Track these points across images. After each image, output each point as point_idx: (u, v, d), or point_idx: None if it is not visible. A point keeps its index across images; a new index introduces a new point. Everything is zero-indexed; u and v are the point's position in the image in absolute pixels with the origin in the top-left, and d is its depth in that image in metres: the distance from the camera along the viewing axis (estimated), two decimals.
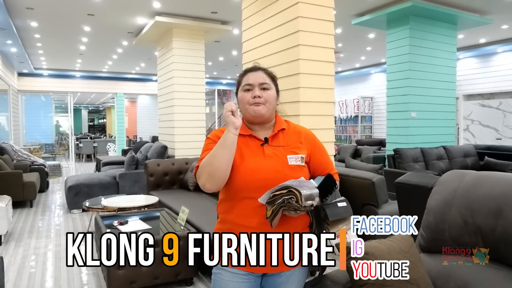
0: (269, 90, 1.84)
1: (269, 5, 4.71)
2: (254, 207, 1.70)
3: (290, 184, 1.58)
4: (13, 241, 5.42)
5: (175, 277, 3.74)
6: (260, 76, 1.84)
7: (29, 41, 10.21)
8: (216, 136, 1.83)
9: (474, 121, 11.97)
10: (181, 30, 8.09)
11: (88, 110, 33.17)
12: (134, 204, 5.27)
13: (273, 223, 1.62)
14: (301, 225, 1.79)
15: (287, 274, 1.80)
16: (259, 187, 1.68)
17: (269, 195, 1.60)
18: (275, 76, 1.92)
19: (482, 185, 1.88)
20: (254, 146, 1.81)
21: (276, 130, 1.86)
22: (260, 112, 1.80)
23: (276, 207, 1.58)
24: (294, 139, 1.87)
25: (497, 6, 7.64)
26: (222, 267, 1.79)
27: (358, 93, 15.94)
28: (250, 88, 1.82)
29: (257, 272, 1.79)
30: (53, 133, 18.35)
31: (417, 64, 7.70)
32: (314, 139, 1.92)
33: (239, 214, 1.75)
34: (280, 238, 1.69)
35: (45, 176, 9.17)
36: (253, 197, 1.68)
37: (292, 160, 1.77)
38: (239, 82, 1.89)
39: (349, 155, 10.76)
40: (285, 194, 1.57)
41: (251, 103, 1.80)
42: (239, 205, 1.76)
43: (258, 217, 1.70)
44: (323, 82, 4.42)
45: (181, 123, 8.05)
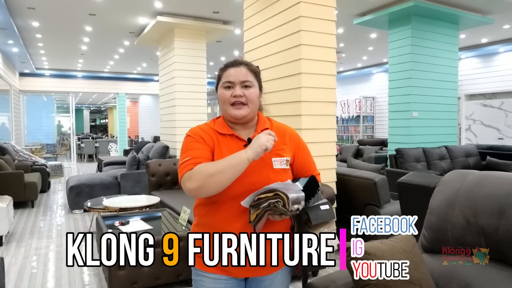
0: (251, 88, 1.72)
1: (271, 5, 4.70)
2: (236, 211, 1.63)
3: (276, 187, 1.52)
4: (14, 242, 5.42)
5: (176, 278, 3.73)
6: (242, 73, 1.72)
7: (31, 41, 10.22)
8: (198, 135, 1.72)
9: (476, 121, 11.96)
10: (182, 30, 8.08)
11: (89, 110, 33.22)
12: (135, 204, 5.26)
13: (257, 227, 1.56)
14: (282, 228, 1.70)
15: (270, 277, 1.75)
16: (242, 191, 1.61)
17: (253, 198, 1.54)
18: (258, 71, 1.80)
19: (485, 185, 1.87)
20: (236, 147, 1.70)
21: (259, 129, 1.76)
22: (241, 115, 1.70)
23: (261, 211, 1.51)
24: (278, 139, 1.72)
25: (499, 6, 7.62)
26: (202, 273, 1.73)
27: (360, 93, 15.93)
28: (231, 86, 1.71)
29: (238, 277, 1.73)
30: (54, 133, 18.38)
31: (419, 64, 7.69)
32: (298, 139, 1.84)
33: (220, 218, 1.67)
34: (261, 239, 1.61)
35: (47, 176, 9.18)
36: (235, 200, 1.61)
37: (277, 163, 1.69)
38: (219, 76, 1.78)
39: (351, 155, 10.74)
40: (271, 197, 1.50)
41: (231, 102, 1.70)
42: (220, 209, 1.67)
43: (240, 222, 1.63)
44: (325, 82, 4.40)
45: (183, 123, 8.05)
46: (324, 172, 4.40)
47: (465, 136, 12.14)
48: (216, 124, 1.78)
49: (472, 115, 12.05)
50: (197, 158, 1.64)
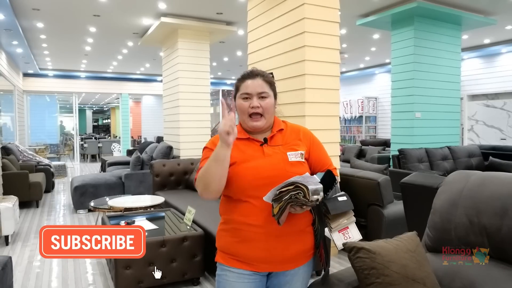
0: (268, 99, 1.85)
1: (275, 6, 4.74)
2: (259, 206, 1.71)
3: (295, 180, 1.59)
4: (20, 241, 5.46)
5: (182, 277, 3.77)
6: (258, 85, 1.84)
7: (35, 41, 10.26)
8: (213, 144, 1.81)
9: (479, 121, 11.96)
10: (186, 30, 8.12)
11: (92, 110, 33.24)
12: (140, 204, 5.30)
13: (281, 220, 1.63)
14: (304, 222, 1.81)
15: (292, 273, 1.81)
16: (262, 185, 1.70)
17: (275, 193, 1.61)
18: (273, 81, 1.93)
19: (488, 186, 1.90)
20: (253, 147, 1.83)
21: (275, 131, 1.88)
22: (259, 126, 1.84)
23: (284, 204, 1.58)
24: (293, 137, 1.89)
25: (502, 7, 7.63)
26: (227, 267, 1.80)
27: (363, 93, 15.92)
28: (248, 97, 1.83)
29: (262, 271, 1.79)
30: (57, 134, 18.41)
31: (421, 64, 7.70)
32: (311, 136, 1.95)
33: (243, 214, 1.76)
34: (285, 235, 1.74)
35: (51, 176, 9.22)
36: (257, 196, 1.70)
37: (292, 156, 1.79)
38: (237, 87, 1.90)
39: (354, 155, 10.76)
40: (292, 190, 1.57)
41: (249, 113, 1.82)
42: (243, 205, 1.76)
43: (263, 215, 1.71)
44: (329, 83, 4.44)
45: (186, 123, 8.09)
46: None
47: (467, 136, 12.13)
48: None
49: (475, 115, 12.05)
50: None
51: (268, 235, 1.73)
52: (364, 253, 1.69)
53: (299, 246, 1.79)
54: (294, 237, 1.77)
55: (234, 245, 1.79)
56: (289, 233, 1.75)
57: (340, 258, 4.52)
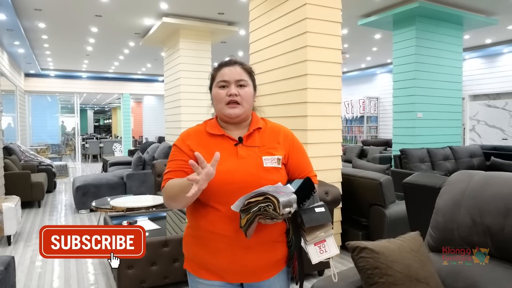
0: (246, 87, 1.70)
1: (277, 6, 4.74)
2: (227, 214, 1.56)
3: (266, 191, 1.45)
4: (22, 241, 5.47)
5: (184, 277, 3.73)
6: (237, 72, 1.70)
7: (37, 42, 10.28)
8: (183, 143, 1.71)
9: (480, 121, 11.95)
10: (188, 31, 8.13)
11: (94, 110, 33.27)
12: (142, 204, 5.30)
13: (248, 233, 1.49)
14: (277, 232, 1.67)
15: (267, 283, 1.69)
16: (232, 190, 1.56)
17: (243, 202, 1.47)
18: (252, 70, 1.78)
19: (491, 185, 1.90)
20: (226, 147, 1.67)
21: (252, 129, 1.73)
22: (236, 114, 1.68)
23: (252, 216, 1.44)
24: (271, 138, 1.73)
25: (503, 7, 7.63)
26: (197, 279, 1.70)
27: (364, 93, 15.93)
28: (226, 85, 1.69)
29: (234, 282, 1.67)
30: (59, 134, 18.43)
31: (423, 64, 7.70)
32: (293, 139, 1.79)
33: (210, 221, 1.62)
34: (254, 247, 1.61)
35: (53, 176, 9.23)
36: (226, 203, 1.55)
37: (267, 161, 1.64)
38: (213, 76, 1.76)
39: (355, 155, 10.75)
40: (261, 201, 1.43)
41: (226, 101, 1.68)
42: (211, 211, 1.62)
43: (232, 225, 1.57)
44: (331, 83, 4.44)
45: (188, 123, 8.08)
46: (329, 173, 4.44)
47: (469, 136, 12.13)
48: (208, 125, 1.78)
49: (476, 115, 12.05)
50: (173, 172, 1.66)
51: (235, 245, 1.59)
52: (367, 252, 1.69)
53: (270, 257, 1.66)
54: (264, 248, 1.63)
55: (200, 253, 1.68)
56: (259, 244, 1.61)
57: (343, 258, 4.52)
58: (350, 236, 4.51)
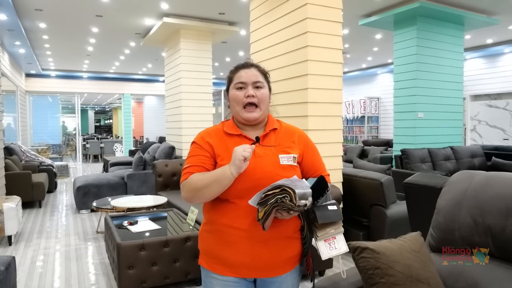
0: (263, 89, 1.77)
1: (278, 6, 4.74)
2: (245, 209, 1.63)
3: (282, 183, 1.51)
4: (23, 241, 5.47)
5: (184, 277, 3.77)
6: (253, 74, 1.77)
7: (37, 42, 10.29)
8: (203, 140, 1.78)
9: (481, 121, 11.94)
10: (188, 31, 8.13)
11: (94, 110, 33.30)
12: (142, 204, 5.30)
13: (266, 225, 1.55)
14: (292, 228, 1.72)
15: (280, 279, 1.74)
16: (250, 187, 1.62)
17: (260, 196, 1.53)
18: (267, 73, 1.85)
19: (492, 186, 1.90)
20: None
21: (268, 129, 1.80)
22: (254, 117, 1.75)
23: (269, 208, 1.49)
24: (286, 138, 1.80)
25: (504, 7, 7.62)
26: (211, 274, 1.74)
27: (365, 93, 15.93)
28: (243, 86, 1.75)
29: (247, 277, 1.72)
30: (60, 134, 18.44)
31: (424, 64, 7.70)
32: (307, 139, 1.87)
33: (228, 216, 1.68)
34: (271, 241, 1.67)
35: (53, 176, 9.23)
36: (244, 198, 1.62)
37: (284, 159, 1.71)
38: (230, 78, 1.81)
39: (356, 155, 10.76)
40: (278, 193, 1.49)
41: (244, 103, 1.74)
42: (229, 206, 1.68)
43: (249, 219, 1.63)
44: (331, 83, 4.43)
45: (189, 123, 8.10)
46: (330, 173, 4.42)
47: (470, 136, 12.12)
48: (225, 126, 1.82)
49: (477, 115, 12.04)
50: (194, 167, 1.72)
51: (253, 239, 1.65)
52: (368, 253, 1.69)
53: (285, 253, 1.71)
54: (280, 243, 1.69)
55: (217, 248, 1.72)
56: (275, 239, 1.68)
57: (343, 258, 4.51)
58: (351, 236, 4.50)
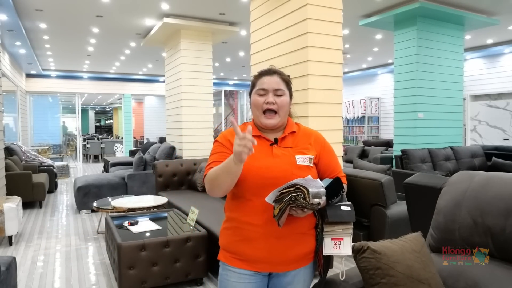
0: (283, 96, 1.84)
1: (278, 7, 4.74)
2: (261, 206, 1.71)
3: (297, 182, 1.59)
4: (23, 242, 5.47)
5: (185, 277, 3.77)
6: (275, 81, 1.84)
7: (38, 42, 10.29)
8: (225, 139, 1.85)
9: (481, 121, 11.94)
10: (189, 31, 8.14)
11: (95, 111, 33.31)
12: (143, 204, 5.31)
13: (280, 221, 1.63)
14: (307, 225, 1.80)
15: (293, 273, 1.81)
16: (267, 185, 1.70)
17: (276, 194, 1.61)
18: (289, 80, 1.92)
19: (492, 186, 1.90)
20: (263, 146, 1.82)
21: (287, 132, 1.88)
22: (272, 124, 1.83)
23: (284, 205, 1.58)
24: (304, 140, 1.88)
25: (504, 7, 7.62)
26: (228, 267, 1.82)
27: (365, 93, 15.93)
28: (264, 93, 1.83)
29: (263, 271, 1.80)
30: (60, 134, 18.45)
31: (424, 65, 7.70)
32: (323, 141, 1.95)
33: (246, 213, 1.77)
34: (285, 237, 1.74)
35: (54, 176, 9.24)
36: (261, 196, 1.69)
37: (300, 160, 1.78)
38: (253, 83, 1.90)
39: (356, 155, 10.76)
40: (293, 191, 1.57)
41: (264, 109, 1.82)
42: (246, 203, 1.77)
43: (265, 215, 1.72)
44: (332, 83, 4.44)
45: (189, 124, 8.10)
46: None
47: (470, 137, 12.12)
48: (246, 127, 1.84)
49: (478, 115, 12.04)
50: (215, 162, 1.77)
51: (268, 235, 1.73)
52: (369, 253, 1.70)
53: (299, 249, 1.79)
54: (295, 239, 1.77)
55: (235, 243, 1.80)
56: (290, 235, 1.75)
57: (344, 258, 4.51)
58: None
